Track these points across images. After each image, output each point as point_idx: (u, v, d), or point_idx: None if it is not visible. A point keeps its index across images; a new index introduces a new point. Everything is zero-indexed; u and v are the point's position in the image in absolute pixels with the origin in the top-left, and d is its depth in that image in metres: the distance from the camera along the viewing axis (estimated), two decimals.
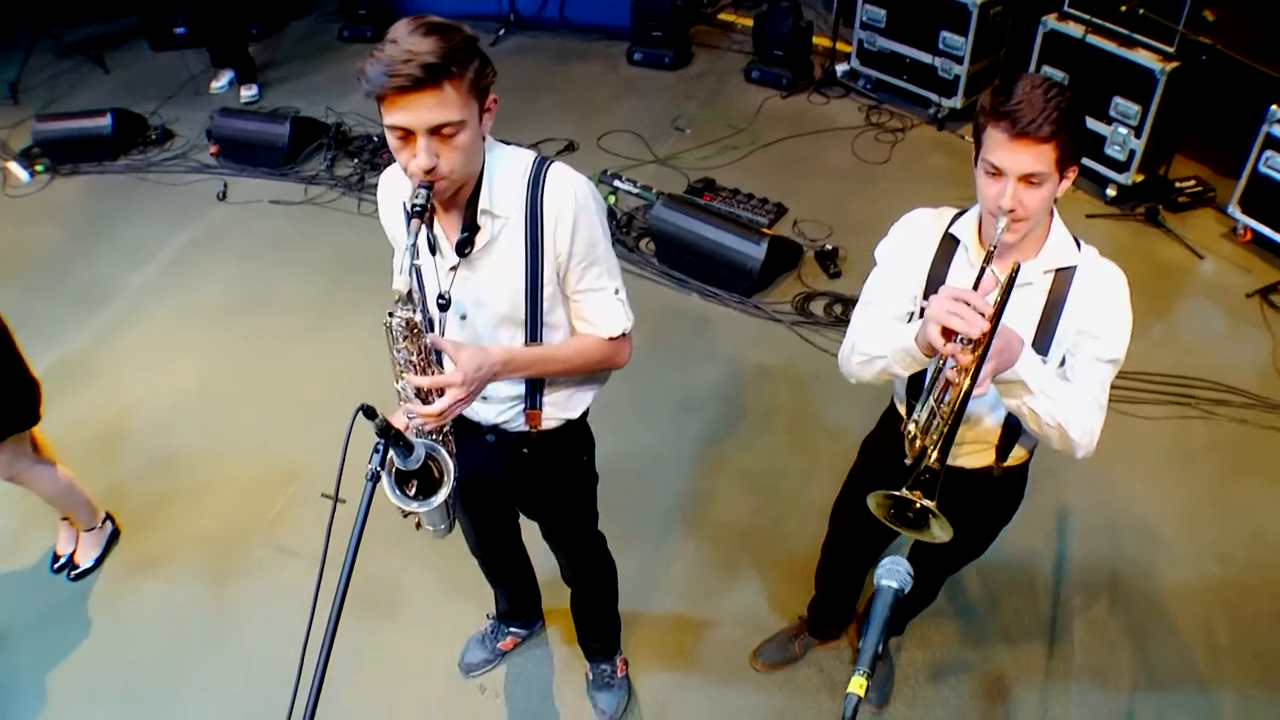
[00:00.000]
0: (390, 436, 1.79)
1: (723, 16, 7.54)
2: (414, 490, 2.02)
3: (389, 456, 1.81)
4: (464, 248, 2.02)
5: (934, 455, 1.91)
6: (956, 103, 5.97)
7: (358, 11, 7.57)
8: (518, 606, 3.26)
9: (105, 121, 6.09)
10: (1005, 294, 1.90)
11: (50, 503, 3.56)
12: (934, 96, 6.08)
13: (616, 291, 2.17)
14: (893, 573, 1.61)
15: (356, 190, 5.79)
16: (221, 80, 6.95)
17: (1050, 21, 5.32)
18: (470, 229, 2.01)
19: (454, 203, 2.01)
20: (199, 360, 4.66)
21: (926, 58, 6.01)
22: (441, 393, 1.97)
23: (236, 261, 5.31)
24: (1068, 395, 2.04)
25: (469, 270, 2.07)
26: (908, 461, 2.15)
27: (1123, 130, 5.09)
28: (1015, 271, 1.92)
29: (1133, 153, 5.10)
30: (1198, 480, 3.86)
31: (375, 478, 1.75)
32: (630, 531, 3.68)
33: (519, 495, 2.59)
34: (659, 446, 4.07)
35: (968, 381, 1.84)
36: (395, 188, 2.14)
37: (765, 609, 3.45)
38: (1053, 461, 3.78)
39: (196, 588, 3.62)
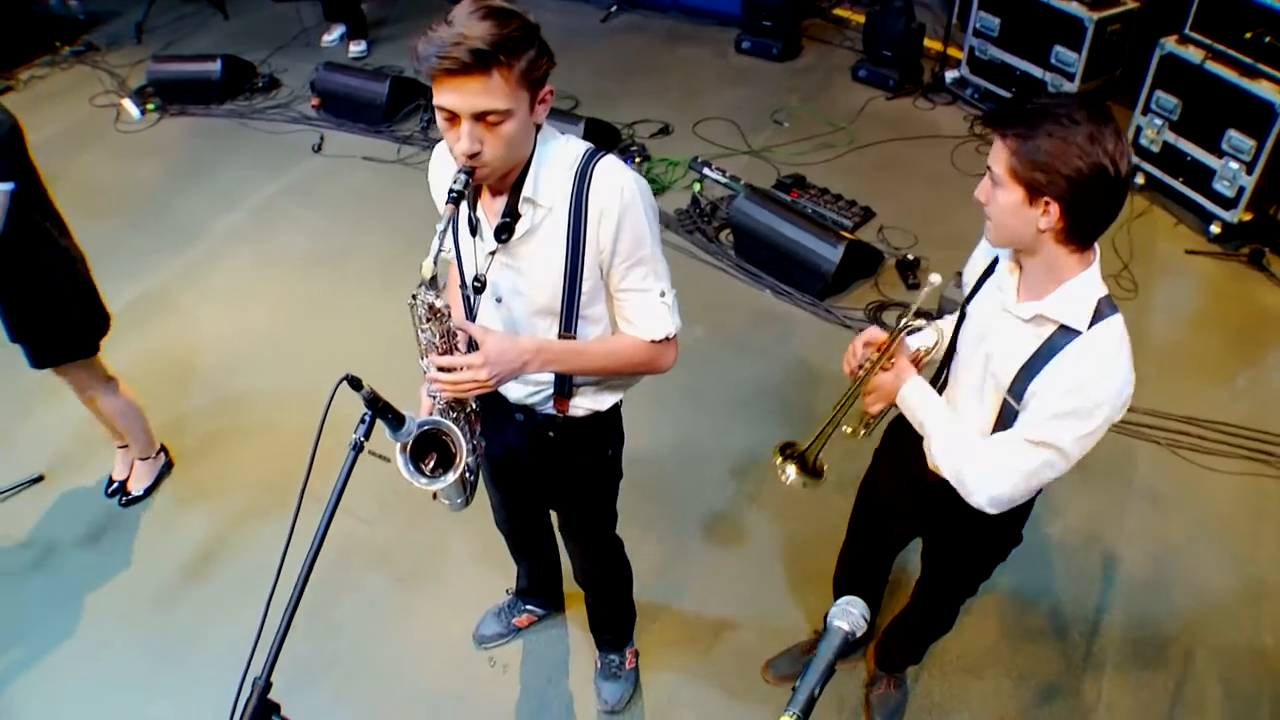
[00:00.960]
0: (378, 408, 1.79)
1: (837, 11, 7.38)
2: (431, 464, 2.02)
3: (371, 432, 1.82)
4: (502, 234, 1.98)
5: (812, 439, 2.31)
6: None
7: None
8: (537, 585, 3.25)
9: (215, 67, 6.27)
10: (892, 339, 2.23)
11: (113, 425, 3.68)
12: None
13: (663, 295, 2.10)
14: (845, 613, 1.51)
15: None
16: (333, 34, 7.08)
17: (1168, 44, 5.06)
18: (511, 215, 1.98)
19: (500, 187, 1.98)
20: (273, 306, 4.77)
21: (1037, 71, 5.79)
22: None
23: (322, 213, 5.42)
24: (957, 439, 2.13)
25: (509, 256, 2.04)
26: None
27: (1234, 165, 4.82)
28: (903, 328, 2.21)
29: (1242, 189, 4.82)
30: (1266, 545, 3.62)
31: (359, 448, 1.77)
32: (665, 522, 3.66)
33: (542, 479, 2.56)
34: (709, 439, 4.02)
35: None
36: (445, 164, 2.13)
37: (788, 619, 3.38)
38: (1104, 506, 3.67)
39: (237, 527, 3.71)
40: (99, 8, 7.55)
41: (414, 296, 1.91)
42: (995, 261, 2.11)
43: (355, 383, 1.72)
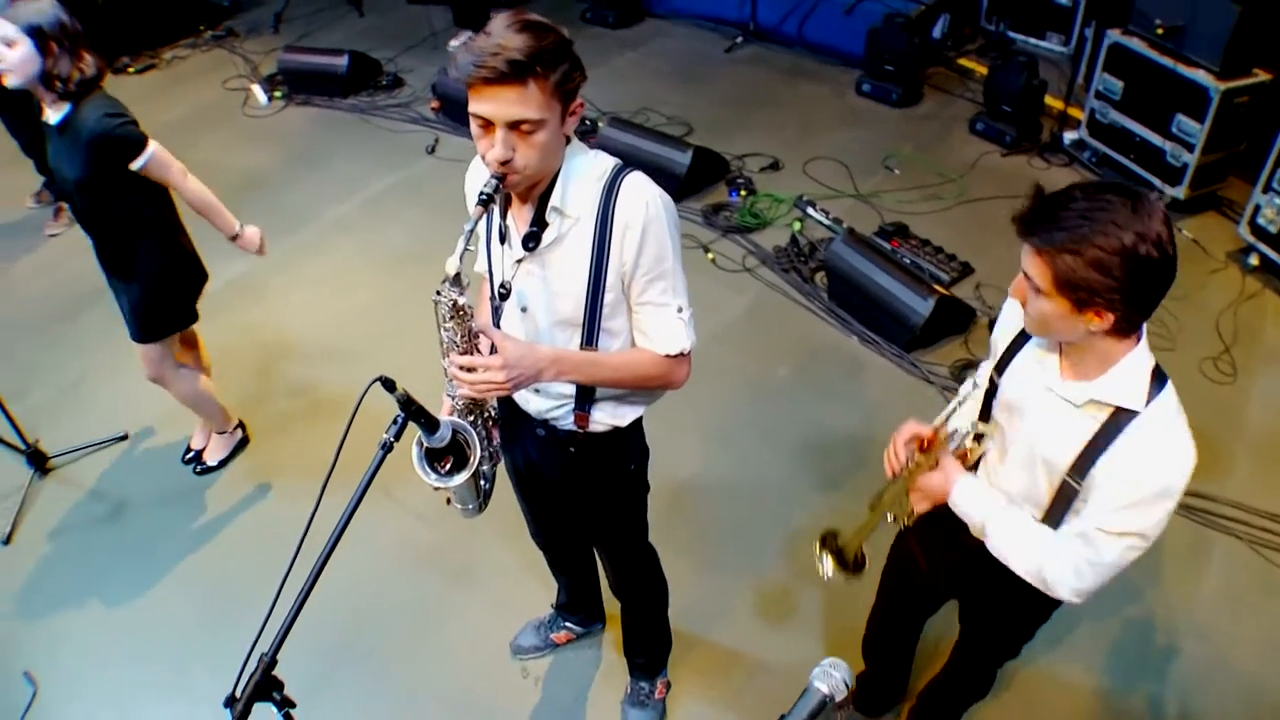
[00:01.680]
0: (411, 410, 1.83)
1: (962, 62, 7.28)
2: (448, 466, 2.05)
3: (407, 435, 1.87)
4: (529, 242, 2.03)
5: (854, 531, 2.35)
6: (1180, 193, 5.54)
7: None
8: (576, 601, 3.26)
9: (341, 61, 6.51)
10: (935, 438, 2.14)
11: (184, 404, 3.83)
12: (1158, 182, 5.66)
13: (680, 310, 2.12)
14: (827, 675, 1.48)
15: None
16: (460, 39, 7.27)
17: None
18: (538, 224, 2.03)
19: (528, 196, 2.03)
20: (365, 298, 4.90)
21: (1157, 139, 5.60)
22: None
23: (427, 213, 5.55)
24: (1027, 538, 2.03)
25: (534, 265, 2.09)
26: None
27: None
28: (949, 438, 2.11)
29: None
30: None
31: (387, 447, 1.85)
32: (717, 555, 3.64)
33: (567, 493, 2.58)
34: (774, 478, 3.98)
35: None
36: (480, 173, 2.19)
37: None
38: (1171, 594, 3.51)
39: (302, 508, 3.76)
40: None
41: (438, 293, 1.96)
42: (1023, 336, 2.04)
43: (389, 384, 1.77)
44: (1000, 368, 2.11)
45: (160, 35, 7.13)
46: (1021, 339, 2.06)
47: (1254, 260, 5.16)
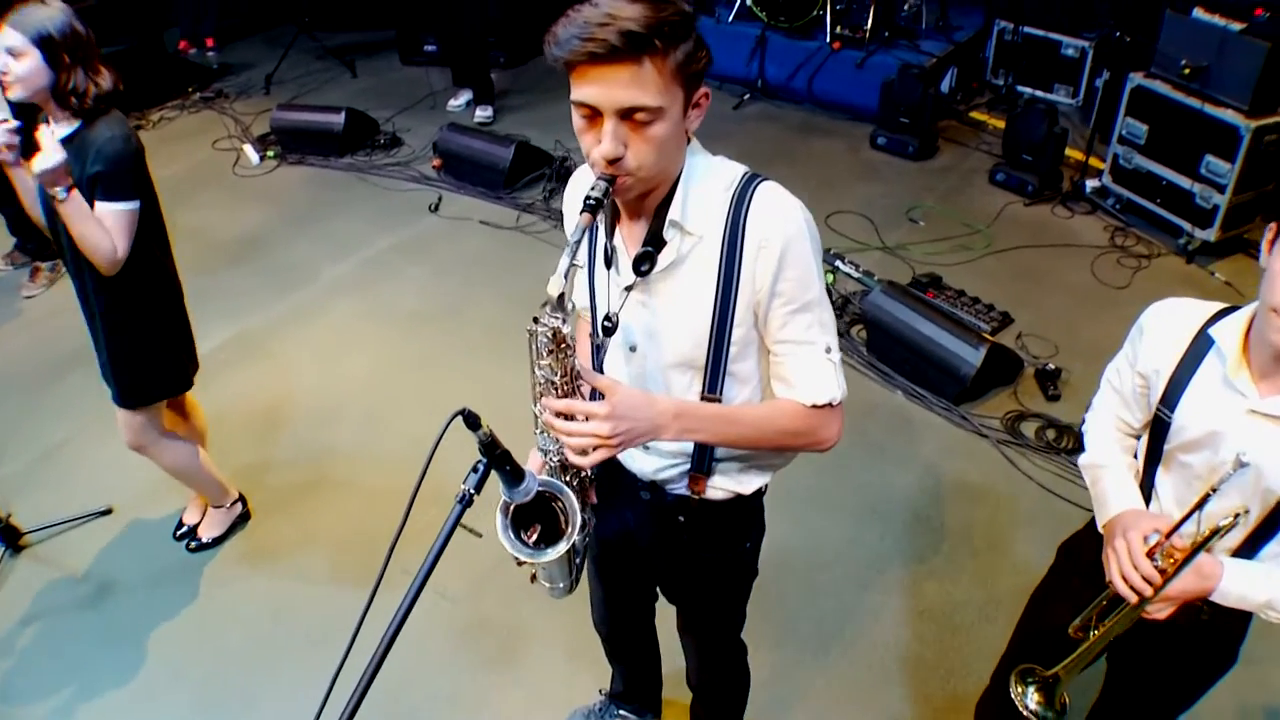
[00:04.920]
0: (495, 455, 1.49)
1: (974, 114, 7.14)
2: (534, 537, 1.71)
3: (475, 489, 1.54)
4: (642, 264, 1.68)
5: (1056, 669, 1.99)
6: (1210, 235, 5.34)
7: None
8: (633, 690, 2.87)
9: (338, 119, 6.25)
10: (1200, 545, 1.76)
11: (174, 477, 3.46)
12: (1186, 226, 5.45)
13: (828, 350, 1.75)
14: None
15: None
16: (459, 99, 7.05)
17: None
18: (653, 243, 1.68)
19: (641, 209, 1.70)
20: (372, 360, 4.57)
21: (1185, 182, 5.41)
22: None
23: (433, 272, 5.25)
24: None
25: (646, 294, 1.74)
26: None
27: None
28: (1217, 529, 1.76)
29: None
30: None
31: (466, 501, 1.50)
32: (779, 633, 3.29)
33: (663, 570, 2.22)
34: (833, 547, 3.64)
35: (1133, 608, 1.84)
36: (583, 185, 1.84)
37: None
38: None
39: (309, 589, 3.44)
40: (234, 59, 7.71)
41: (535, 320, 1.60)
42: (1188, 362, 1.82)
43: (473, 421, 1.43)
44: (1169, 403, 1.84)
45: (147, 97, 6.87)
46: (1187, 368, 1.81)
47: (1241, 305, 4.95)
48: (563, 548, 1.66)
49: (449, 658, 3.22)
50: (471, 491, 1.45)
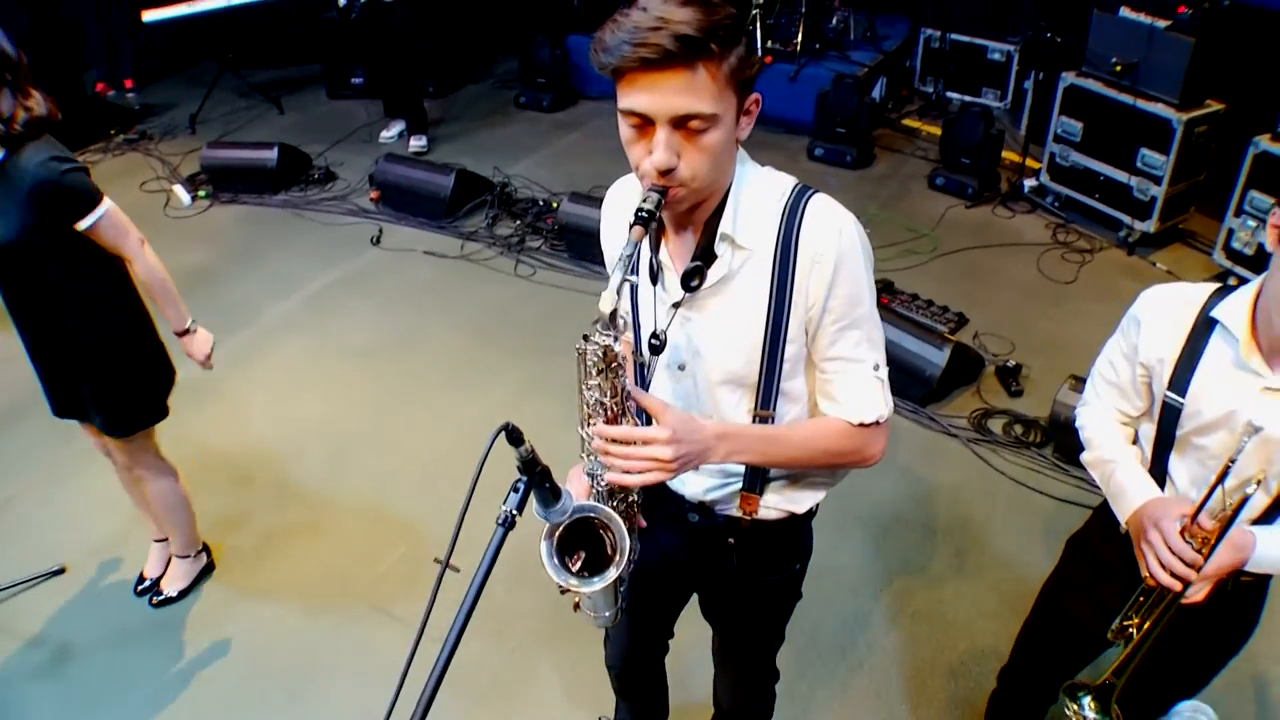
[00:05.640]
0: (536, 473, 1.41)
1: (907, 122, 7.23)
2: (579, 564, 1.62)
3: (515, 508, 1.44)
4: (691, 279, 1.61)
5: (1110, 674, 1.95)
6: (1150, 227, 5.45)
7: (536, 80, 7.52)
8: None
9: (271, 154, 6.10)
10: (1231, 519, 1.75)
11: (156, 511, 3.30)
12: (1126, 219, 5.57)
13: (876, 368, 1.70)
14: None
15: (515, 251, 5.57)
16: (392, 130, 6.94)
17: (1263, 142, 4.81)
18: (704, 258, 1.62)
19: (688, 222, 1.64)
20: (327, 398, 4.43)
21: (1122, 176, 5.53)
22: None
23: (381, 306, 5.13)
24: None
25: (694, 310, 1.67)
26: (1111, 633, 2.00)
27: None
28: (1245, 500, 1.74)
29: None
30: None
31: (509, 523, 1.39)
32: (799, 650, 3.22)
33: (709, 594, 2.13)
34: (818, 557, 3.48)
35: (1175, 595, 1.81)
36: (624, 199, 1.79)
37: None
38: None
39: (282, 638, 3.28)
40: (155, 99, 7.50)
41: (585, 339, 1.52)
42: (1193, 346, 1.82)
43: (515, 436, 1.35)
44: (1178, 389, 1.84)
45: (68, 140, 6.52)
46: (1193, 352, 1.81)
47: (1232, 284, 5.07)
48: (611, 575, 1.57)
49: (440, 699, 3.09)
50: (514, 512, 1.36)
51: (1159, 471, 1.96)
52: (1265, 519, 1.85)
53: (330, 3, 6.23)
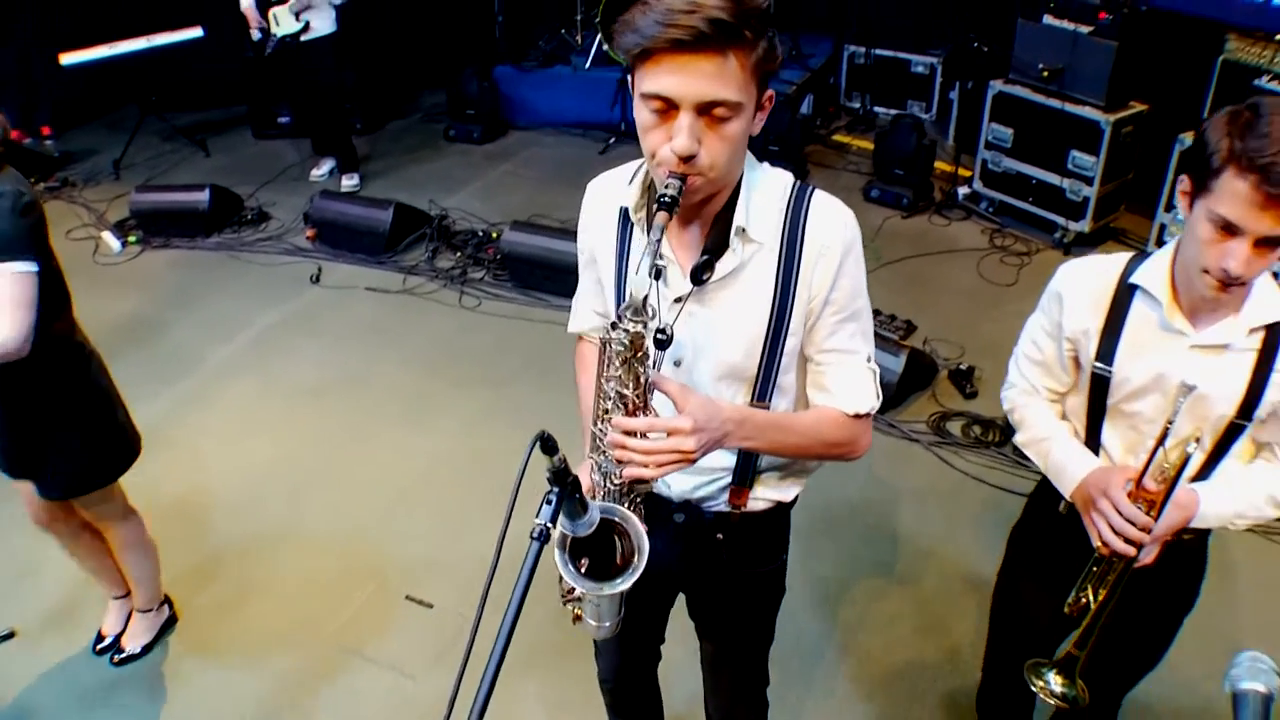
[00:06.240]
0: (567, 484, 1.37)
1: (837, 138, 7.33)
2: (584, 570, 1.58)
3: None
4: (703, 273, 1.61)
5: (1072, 646, 2.00)
6: (1084, 226, 5.61)
7: (465, 112, 7.47)
8: None
9: (202, 196, 5.97)
10: (1175, 479, 1.80)
11: (124, 563, 3.16)
12: (1060, 220, 5.72)
13: (869, 360, 1.74)
14: (1254, 672, 1.20)
15: (459, 283, 5.51)
16: (322, 168, 6.84)
17: (1188, 140, 4.99)
18: (715, 250, 1.61)
19: (695, 216, 1.63)
20: (280, 440, 4.32)
21: (1054, 179, 5.68)
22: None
23: (328, 344, 5.03)
24: (1263, 487, 1.89)
25: (699, 304, 1.66)
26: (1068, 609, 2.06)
27: None
28: (1187, 459, 1.80)
29: None
30: None
31: (544, 536, 1.33)
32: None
33: (698, 594, 2.11)
34: (793, 568, 3.49)
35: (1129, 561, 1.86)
36: (607, 193, 1.78)
37: None
38: (1216, 604, 3.27)
39: (253, 689, 3.16)
40: (75, 146, 7.28)
41: (613, 326, 1.49)
42: (1116, 314, 1.87)
43: (549, 445, 1.31)
44: (1106, 358, 1.89)
45: None
46: (1117, 320, 1.87)
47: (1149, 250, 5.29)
48: (635, 575, 1.53)
49: None
50: (548, 525, 1.31)
51: (1093, 442, 2.01)
52: (1201, 475, 1.91)
53: (250, 42, 6.12)
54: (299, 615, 3.42)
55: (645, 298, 1.44)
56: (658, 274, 1.62)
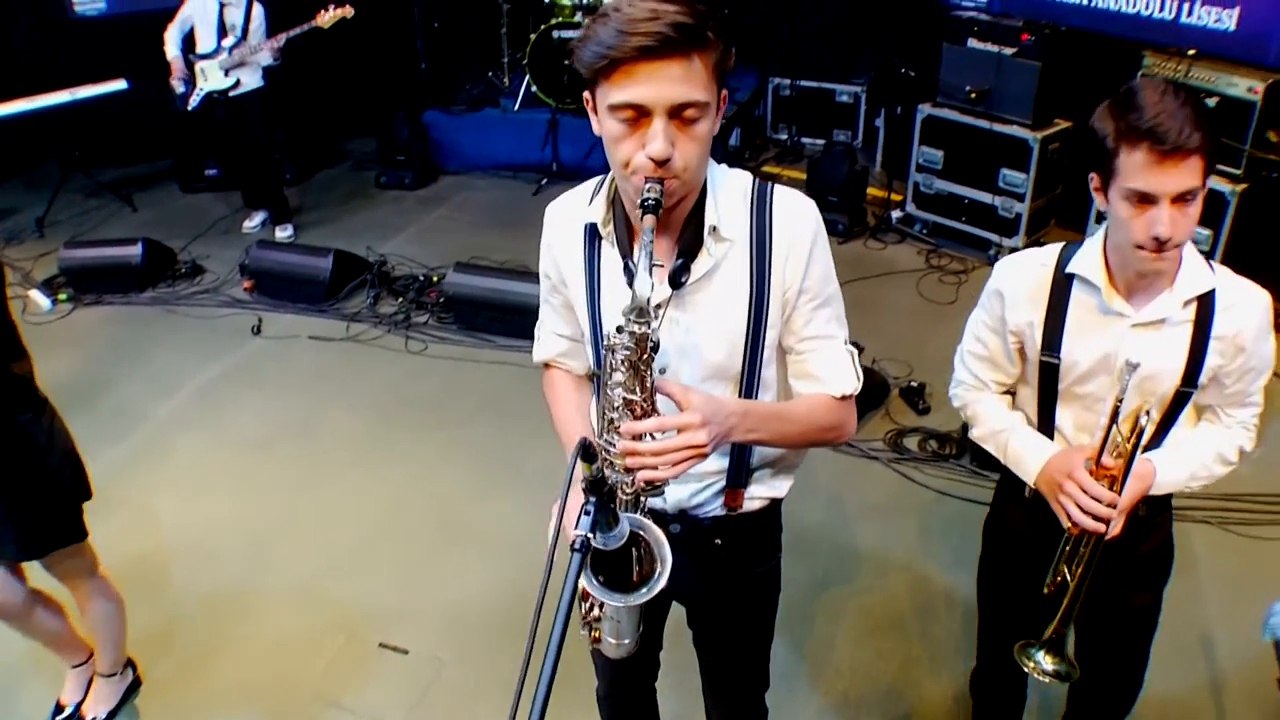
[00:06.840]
0: (603, 494, 1.36)
1: (767, 169, 7.45)
2: (603, 583, 1.57)
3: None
4: (680, 276, 1.63)
5: (1053, 628, 2.08)
6: (1017, 242, 5.78)
7: (396, 158, 7.43)
8: None
9: (135, 251, 5.84)
10: (1133, 452, 1.89)
11: (92, 622, 3.04)
12: (994, 237, 5.90)
13: (846, 342, 1.78)
14: None
15: (403, 328, 5.45)
16: (254, 220, 6.74)
17: None
18: (689, 253, 1.64)
19: (666, 221, 1.63)
20: (234, 493, 4.21)
21: (986, 197, 5.86)
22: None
23: (274, 394, 4.93)
24: (1211, 447, 2.01)
25: (678, 310, 1.68)
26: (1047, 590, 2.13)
27: None
28: (1140, 431, 1.89)
29: None
30: None
31: (585, 547, 1.32)
32: None
33: (696, 602, 2.11)
34: None
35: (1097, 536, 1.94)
36: (569, 214, 1.79)
37: None
38: (1181, 593, 3.35)
39: None
40: None
41: (618, 330, 1.49)
42: (1056, 303, 1.96)
43: (589, 453, 1.31)
44: (1052, 347, 1.98)
45: None
46: (1058, 309, 1.96)
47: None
48: (660, 584, 1.50)
49: None
50: (589, 536, 1.30)
51: (1047, 427, 2.09)
52: (1153, 444, 2.00)
53: (174, 96, 6.02)
54: (272, 670, 3.33)
55: (649, 301, 1.45)
56: (631, 282, 1.65)
